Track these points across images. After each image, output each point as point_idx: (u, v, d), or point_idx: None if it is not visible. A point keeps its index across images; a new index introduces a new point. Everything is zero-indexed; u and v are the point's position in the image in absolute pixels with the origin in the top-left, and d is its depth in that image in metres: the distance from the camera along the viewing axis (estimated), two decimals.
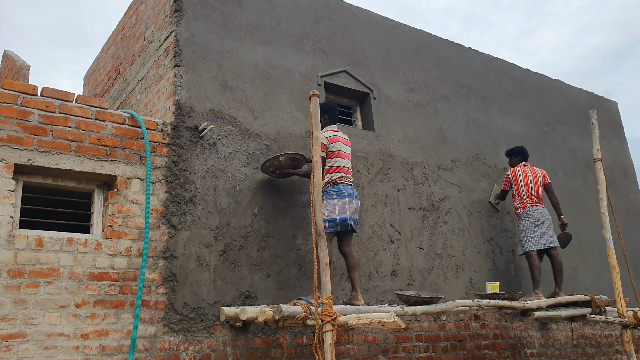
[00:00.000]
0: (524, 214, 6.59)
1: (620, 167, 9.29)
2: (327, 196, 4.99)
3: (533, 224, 6.50)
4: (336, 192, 5.03)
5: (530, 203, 6.57)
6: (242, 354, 4.67)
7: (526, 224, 6.55)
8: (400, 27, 7.28)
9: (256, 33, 5.82)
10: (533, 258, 6.42)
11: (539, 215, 6.52)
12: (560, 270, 6.55)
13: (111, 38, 7.24)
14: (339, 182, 5.07)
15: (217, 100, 5.26)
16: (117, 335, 4.17)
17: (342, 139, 5.29)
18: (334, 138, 5.21)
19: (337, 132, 5.33)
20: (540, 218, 6.51)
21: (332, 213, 4.93)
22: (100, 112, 4.56)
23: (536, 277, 6.32)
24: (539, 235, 6.46)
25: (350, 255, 5.08)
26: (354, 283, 5.00)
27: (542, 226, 6.49)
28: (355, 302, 4.87)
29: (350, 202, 5.04)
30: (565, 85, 9.18)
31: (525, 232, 6.53)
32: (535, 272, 6.35)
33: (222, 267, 4.81)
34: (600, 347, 7.41)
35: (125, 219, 4.44)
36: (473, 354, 6.10)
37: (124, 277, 4.31)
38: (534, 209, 6.54)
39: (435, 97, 7.22)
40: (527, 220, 6.54)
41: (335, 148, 5.17)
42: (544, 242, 6.47)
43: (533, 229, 6.48)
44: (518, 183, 6.69)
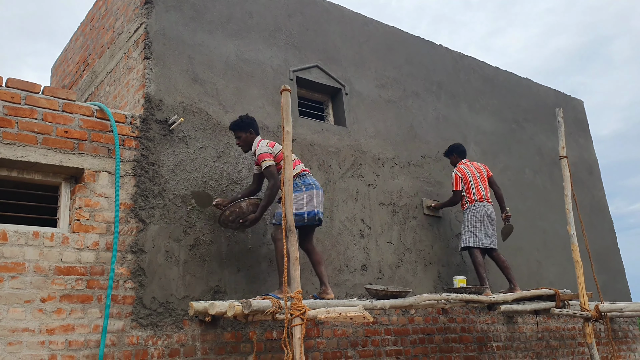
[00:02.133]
0: (469, 208, 6.51)
1: (585, 164, 9.52)
2: (295, 188, 4.79)
3: (477, 220, 6.43)
4: (304, 183, 4.94)
5: (478, 199, 6.55)
6: (211, 348, 4.67)
7: (470, 219, 6.47)
8: (373, 23, 7.32)
9: (228, 26, 5.78)
10: (475, 255, 6.36)
11: (485, 212, 6.47)
12: (507, 267, 6.52)
13: (80, 29, 7.11)
14: (305, 174, 5.02)
15: (187, 94, 5.22)
16: (84, 330, 4.12)
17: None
18: (271, 143, 5.03)
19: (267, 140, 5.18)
20: (486, 216, 6.47)
21: (301, 207, 4.82)
22: (67, 104, 4.49)
23: (481, 274, 6.27)
24: (483, 233, 6.41)
25: (314, 252, 5.03)
26: (321, 278, 4.99)
27: (486, 224, 6.44)
28: (325, 296, 4.89)
29: (318, 194, 4.98)
30: (533, 84, 9.35)
31: (469, 227, 6.45)
32: (480, 269, 6.29)
33: (192, 261, 4.79)
34: (563, 339, 7.60)
35: (92, 212, 4.39)
36: (441, 347, 6.20)
37: (91, 272, 4.25)
38: (480, 204, 6.48)
39: (406, 93, 7.29)
40: (472, 215, 6.46)
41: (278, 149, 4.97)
42: (485, 242, 6.40)
43: (476, 225, 6.42)
44: (468, 181, 6.58)
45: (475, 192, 6.56)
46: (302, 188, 4.91)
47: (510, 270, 6.58)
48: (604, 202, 9.54)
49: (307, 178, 5.00)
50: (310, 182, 4.99)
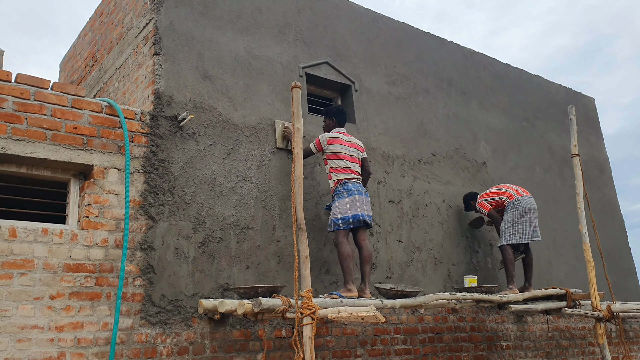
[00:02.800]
0: (511, 204, 6.48)
1: (595, 162, 9.43)
2: (338, 196, 5.22)
3: (520, 216, 6.42)
4: (346, 190, 5.21)
5: (516, 193, 6.55)
6: (220, 346, 4.64)
7: (513, 215, 6.44)
8: (383, 19, 7.26)
9: (237, 22, 5.74)
10: (508, 252, 6.38)
11: (527, 207, 6.46)
12: (531, 266, 6.57)
13: (88, 24, 7.08)
14: (347, 181, 5.24)
15: (197, 90, 5.18)
16: (93, 327, 4.10)
17: (346, 142, 5.41)
18: (334, 140, 5.36)
19: (341, 134, 5.46)
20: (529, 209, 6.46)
21: (345, 211, 5.12)
22: (76, 100, 4.46)
23: (511, 272, 6.31)
24: (525, 227, 6.39)
25: (365, 248, 5.28)
26: (364, 276, 5.22)
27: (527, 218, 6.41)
28: (363, 294, 5.07)
29: (360, 199, 5.21)
30: (544, 81, 9.26)
31: (511, 224, 6.41)
32: (511, 266, 6.33)
33: (201, 259, 4.76)
34: (574, 339, 7.53)
35: (102, 209, 4.36)
36: (450, 346, 6.15)
37: (100, 269, 4.23)
38: (521, 199, 6.49)
39: (416, 90, 7.23)
40: (515, 211, 6.44)
41: (334, 150, 5.32)
42: (528, 236, 6.39)
43: (519, 220, 6.39)
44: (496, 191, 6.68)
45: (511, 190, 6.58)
46: (344, 194, 5.20)
47: (532, 270, 6.55)
48: (614, 200, 9.46)
49: (349, 185, 5.24)
50: (352, 188, 5.23)
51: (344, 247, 5.05)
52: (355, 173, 5.36)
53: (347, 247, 5.05)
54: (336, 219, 5.14)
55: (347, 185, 5.24)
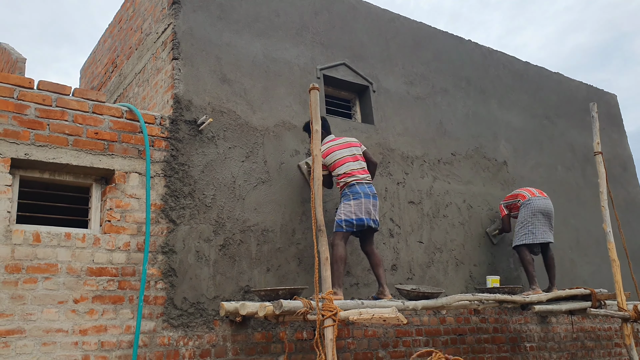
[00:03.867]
0: (523, 204, 6.47)
1: (619, 160, 9.28)
2: (344, 198, 5.14)
3: (531, 215, 6.38)
4: (352, 192, 5.11)
5: (531, 195, 6.50)
6: (242, 349, 4.65)
7: (525, 215, 6.41)
8: (400, 19, 7.23)
9: (254, 25, 5.76)
10: (524, 253, 6.31)
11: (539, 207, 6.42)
12: (553, 266, 6.50)
13: (108, 31, 7.17)
14: (354, 183, 5.14)
15: (215, 94, 5.21)
16: (116, 330, 4.13)
17: (338, 146, 5.30)
18: (328, 150, 5.26)
19: (331, 142, 5.34)
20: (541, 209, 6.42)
21: (349, 214, 5.03)
22: (97, 106, 4.51)
23: (531, 272, 6.24)
24: (538, 228, 6.36)
25: (373, 254, 5.23)
26: (379, 279, 5.17)
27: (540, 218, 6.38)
28: (383, 296, 5.04)
29: (367, 202, 5.09)
30: (564, 78, 9.14)
31: (523, 224, 6.39)
32: (529, 267, 6.25)
33: (222, 261, 4.77)
34: (599, 340, 7.41)
35: (123, 213, 4.40)
36: (473, 347, 6.09)
37: (122, 272, 4.27)
38: (534, 199, 6.45)
39: (435, 90, 7.18)
40: (526, 210, 6.42)
41: (330, 160, 5.24)
42: (541, 237, 6.34)
43: (531, 220, 6.36)
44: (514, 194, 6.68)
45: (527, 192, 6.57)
46: (349, 197, 5.10)
47: (554, 270, 6.47)
48: (639, 198, 9.29)
49: (356, 187, 5.11)
50: (359, 190, 5.10)
51: (339, 249, 4.93)
52: (361, 172, 5.21)
53: (342, 250, 4.93)
54: (340, 220, 5.05)
55: (353, 187, 5.12)
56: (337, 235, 5.01)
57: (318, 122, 4.40)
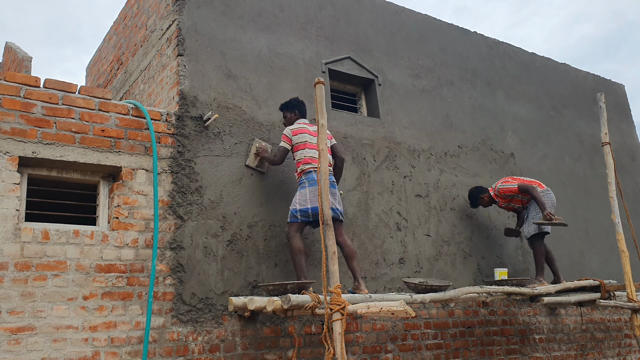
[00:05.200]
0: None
1: (627, 150, 9.22)
2: (300, 186, 4.94)
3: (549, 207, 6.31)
4: (308, 179, 4.90)
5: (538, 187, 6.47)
6: (250, 343, 4.67)
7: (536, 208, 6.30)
8: (405, 12, 7.20)
9: (259, 20, 5.75)
10: (540, 243, 6.27)
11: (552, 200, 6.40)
12: (553, 259, 6.47)
13: (113, 28, 7.18)
14: (311, 171, 4.90)
15: (221, 90, 5.21)
16: (126, 327, 4.16)
17: (311, 131, 5.09)
18: (298, 130, 5.07)
19: (305, 124, 5.16)
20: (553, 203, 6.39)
21: (305, 202, 4.82)
22: (103, 103, 4.52)
23: (541, 264, 6.21)
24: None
25: (345, 245, 4.93)
26: (354, 273, 4.93)
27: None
28: (359, 291, 4.80)
29: None
30: (571, 69, 9.08)
31: (534, 217, 6.33)
32: (542, 258, 6.23)
33: (230, 257, 4.79)
34: (609, 331, 7.39)
35: (131, 210, 4.42)
36: (482, 340, 6.08)
37: (131, 269, 4.29)
38: (545, 191, 6.39)
39: (441, 82, 7.15)
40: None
41: (299, 140, 5.02)
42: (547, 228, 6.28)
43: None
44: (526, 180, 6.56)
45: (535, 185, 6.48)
46: (305, 184, 4.90)
47: (556, 262, 6.44)
48: None
49: (313, 174, 4.88)
50: (315, 178, 4.82)
51: (294, 241, 4.76)
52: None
53: (298, 242, 4.76)
54: (294, 210, 4.84)
55: (310, 174, 4.89)
56: (292, 226, 4.83)
57: (324, 117, 4.39)
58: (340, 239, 4.92)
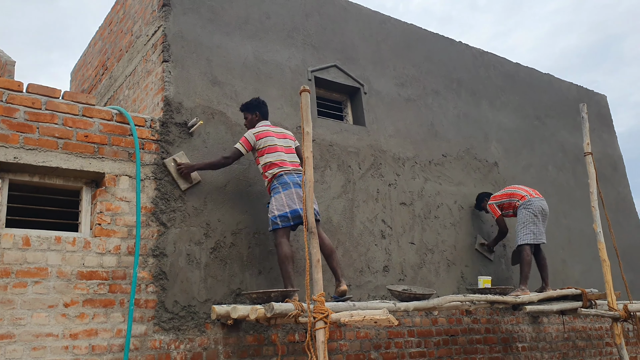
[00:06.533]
0: (523, 204, 6.47)
1: (609, 160, 9.33)
2: (273, 191, 4.83)
3: (533, 215, 6.39)
4: (281, 183, 4.80)
5: (530, 195, 6.52)
6: (233, 351, 4.64)
7: (526, 215, 6.42)
8: (391, 21, 7.25)
9: (245, 27, 5.76)
10: (527, 252, 6.31)
11: (540, 207, 6.45)
12: (545, 266, 6.54)
13: (98, 33, 7.14)
14: (282, 174, 4.82)
15: (206, 96, 5.20)
16: (107, 334, 4.11)
17: (275, 133, 5.03)
18: (262, 134, 4.96)
19: (268, 127, 5.08)
20: (541, 211, 6.45)
21: (282, 207, 4.74)
22: (87, 109, 4.49)
23: (526, 273, 6.25)
24: (539, 228, 6.38)
25: (323, 243, 4.76)
26: (334, 271, 4.83)
27: (540, 219, 6.43)
28: (339, 289, 4.71)
29: (299, 191, 4.77)
30: (555, 79, 9.19)
31: (525, 224, 6.39)
32: (527, 267, 6.26)
33: (213, 264, 4.76)
34: (590, 340, 7.45)
35: (114, 216, 4.38)
36: (465, 348, 6.10)
37: (113, 276, 4.25)
38: (534, 200, 6.46)
39: (426, 91, 7.20)
40: (528, 211, 6.43)
41: (264, 144, 4.93)
42: (539, 238, 6.37)
43: (532, 220, 6.37)
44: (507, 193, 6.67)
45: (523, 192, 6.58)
46: (279, 189, 4.81)
47: (547, 269, 6.50)
48: (629, 198, 9.35)
49: (284, 177, 4.81)
50: (288, 180, 4.79)
51: (282, 248, 4.68)
52: (292, 164, 4.91)
53: (286, 249, 4.68)
54: (274, 217, 4.75)
55: (282, 178, 4.80)
56: (276, 233, 4.75)
57: (309, 124, 4.39)
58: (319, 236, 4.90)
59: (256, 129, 5.03)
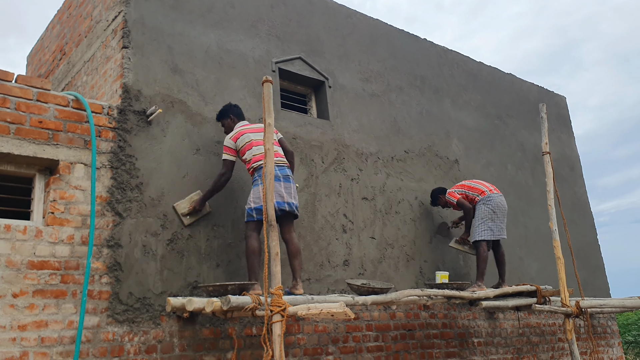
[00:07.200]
0: (483, 200, 6.54)
1: (567, 160, 9.55)
2: (254, 184, 4.85)
3: (492, 212, 6.47)
4: (260, 176, 4.78)
5: (489, 191, 6.60)
6: (189, 344, 4.57)
7: (485, 211, 6.50)
8: (357, 15, 7.24)
9: (208, 16, 5.66)
10: (483, 248, 6.41)
11: (499, 204, 6.54)
12: (503, 262, 6.65)
13: (56, 17, 6.93)
14: (263, 167, 4.77)
15: (166, 84, 5.10)
16: (58, 326, 4.00)
17: (251, 129, 5.03)
18: (237, 134, 4.98)
19: (243, 126, 5.07)
20: (499, 207, 6.55)
21: (259, 200, 4.72)
22: (42, 94, 4.35)
23: (482, 269, 6.34)
24: (497, 224, 6.47)
25: (291, 242, 4.89)
26: (294, 272, 4.87)
27: (499, 216, 6.51)
28: (295, 291, 4.75)
29: (279, 185, 4.77)
30: (517, 79, 9.34)
31: (483, 220, 6.47)
32: (483, 263, 6.36)
33: (170, 256, 4.68)
34: (544, 335, 7.62)
35: (67, 205, 4.26)
36: (422, 343, 6.16)
37: (65, 266, 4.13)
38: (493, 195, 6.55)
39: (390, 87, 7.22)
40: (487, 206, 6.51)
41: (242, 143, 4.95)
42: (498, 234, 6.47)
43: (491, 217, 6.45)
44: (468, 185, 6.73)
45: (482, 186, 6.65)
46: (259, 182, 4.80)
47: (505, 266, 6.61)
48: (585, 198, 9.59)
49: None
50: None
51: (251, 241, 4.69)
52: (275, 155, 4.87)
53: (254, 243, 4.68)
54: (250, 209, 4.75)
55: (261, 170, 4.76)
56: (249, 225, 4.75)
57: (271, 116, 4.35)
58: (288, 235, 4.93)
59: (232, 132, 5.05)
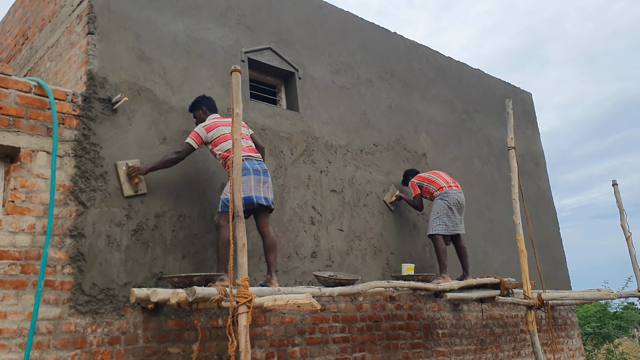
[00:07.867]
0: (440, 195, 6.64)
1: (531, 155, 9.73)
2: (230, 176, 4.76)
3: (447, 208, 6.59)
4: None
5: (447, 186, 6.69)
6: (153, 336, 4.52)
7: (441, 206, 6.60)
8: (327, 7, 7.22)
9: (177, 4, 5.57)
10: (440, 242, 6.50)
11: (456, 200, 6.65)
12: (465, 255, 6.75)
13: (18, 0, 6.73)
14: (243, 159, 4.73)
15: (132, 72, 5.00)
16: (17, 317, 3.90)
17: (225, 123, 5.01)
18: (211, 125, 4.96)
19: (217, 119, 5.07)
20: (457, 203, 6.65)
21: None
22: (2, 79, 4.22)
23: (443, 261, 6.44)
24: (452, 220, 6.58)
25: (268, 236, 4.92)
26: (269, 265, 4.91)
27: (454, 211, 6.62)
28: (270, 284, 4.79)
29: (257, 179, 4.80)
30: (484, 75, 9.46)
31: (439, 214, 6.57)
32: (443, 255, 6.45)
33: (134, 247, 4.61)
34: (507, 327, 7.77)
35: (29, 194, 4.15)
36: (388, 334, 6.22)
37: (26, 256, 4.03)
38: (451, 192, 6.64)
39: (360, 80, 7.23)
40: (444, 202, 6.61)
41: (216, 135, 4.93)
42: (452, 229, 6.56)
43: (446, 212, 6.56)
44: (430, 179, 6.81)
45: (443, 182, 6.72)
46: None
47: (467, 258, 6.70)
48: (548, 193, 9.79)
49: (245, 163, 4.75)
50: (247, 166, 4.76)
51: (224, 231, 4.66)
52: (249, 150, 4.93)
53: (227, 233, 4.64)
54: (225, 199, 4.73)
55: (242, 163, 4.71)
56: (222, 216, 4.72)
57: (239, 105, 4.31)
58: (265, 229, 4.94)
59: (205, 122, 5.00)
